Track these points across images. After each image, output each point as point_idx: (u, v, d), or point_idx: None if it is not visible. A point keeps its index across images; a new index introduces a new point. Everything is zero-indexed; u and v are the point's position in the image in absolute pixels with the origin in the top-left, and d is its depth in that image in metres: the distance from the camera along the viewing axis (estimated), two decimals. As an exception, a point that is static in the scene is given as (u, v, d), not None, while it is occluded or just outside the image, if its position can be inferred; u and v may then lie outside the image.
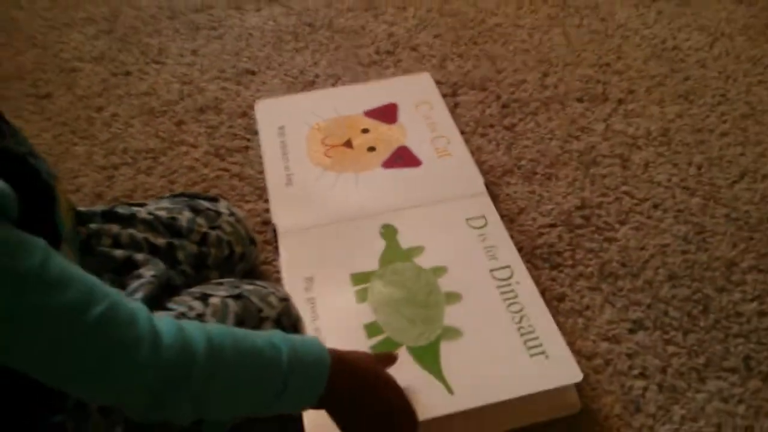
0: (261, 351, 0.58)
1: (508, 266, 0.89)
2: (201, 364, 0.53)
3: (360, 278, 0.90)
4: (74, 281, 0.50)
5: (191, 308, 0.70)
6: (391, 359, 0.75)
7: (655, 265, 0.95)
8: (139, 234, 0.79)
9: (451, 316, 0.85)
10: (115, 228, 0.78)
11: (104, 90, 1.24)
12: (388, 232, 0.95)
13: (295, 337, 0.62)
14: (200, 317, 0.69)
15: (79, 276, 0.51)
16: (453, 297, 0.86)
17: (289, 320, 0.75)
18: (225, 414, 0.57)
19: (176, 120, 1.17)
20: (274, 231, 0.96)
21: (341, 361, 0.62)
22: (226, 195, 1.04)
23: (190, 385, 0.53)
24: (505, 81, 1.23)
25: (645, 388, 0.83)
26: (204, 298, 0.71)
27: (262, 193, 1.05)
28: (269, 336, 0.60)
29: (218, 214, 0.86)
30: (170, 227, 0.82)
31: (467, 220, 0.95)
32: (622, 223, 1.00)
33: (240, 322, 0.70)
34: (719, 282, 0.93)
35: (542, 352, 0.80)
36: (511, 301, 0.86)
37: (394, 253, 0.92)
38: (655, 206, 1.03)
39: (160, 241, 0.80)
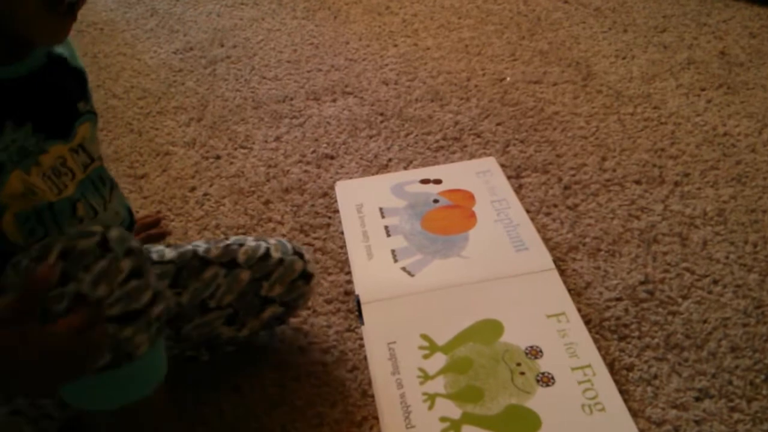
0: None
1: (588, 364, 0.94)
2: None
3: (439, 346, 0.97)
4: None
5: None
6: None
7: (718, 337, 1.01)
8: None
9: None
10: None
11: (196, 172, 1.36)
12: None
13: None
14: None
15: None
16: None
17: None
18: None
19: (264, 199, 1.28)
20: (358, 301, 1.05)
21: None
22: (311, 268, 1.13)
23: None
24: (566, 164, 1.32)
25: (714, 453, 0.88)
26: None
27: (343, 266, 1.13)
28: None
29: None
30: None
31: (547, 316, 1.01)
32: (685, 297, 1.06)
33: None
34: (781, 353, 0.98)
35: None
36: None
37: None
38: (715, 282, 1.09)
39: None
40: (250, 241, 0.92)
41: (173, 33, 1.84)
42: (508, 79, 1.57)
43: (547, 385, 0.91)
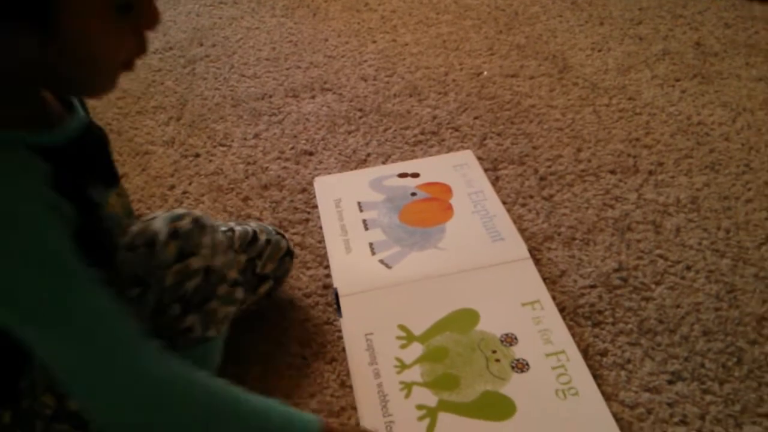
0: (245, 423, 0.65)
1: (562, 350, 0.95)
2: (167, 410, 0.61)
3: (416, 336, 0.98)
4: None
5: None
6: None
7: (691, 322, 1.02)
8: None
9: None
10: None
11: (175, 171, 1.37)
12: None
13: (294, 417, 0.68)
14: None
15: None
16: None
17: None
18: None
19: (242, 196, 1.29)
20: (336, 294, 1.06)
21: None
22: (290, 262, 1.14)
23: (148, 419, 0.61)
24: (542, 156, 1.33)
25: (686, 435, 0.89)
26: None
27: (322, 260, 1.14)
28: (267, 407, 0.67)
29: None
30: None
31: (522, 304, 1.02)
32: (658, 283, 1.08)
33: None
34: (751, 335, 1.00)
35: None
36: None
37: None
38: (688, 268, 1.10)
39: None
40: (236, 227, 0.96)
41: (152, 33, 1.84)
42: (486, 73, 1.58)
43: (522, 372, 0.92)
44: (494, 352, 0.95)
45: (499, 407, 0.89)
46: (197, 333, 0.75)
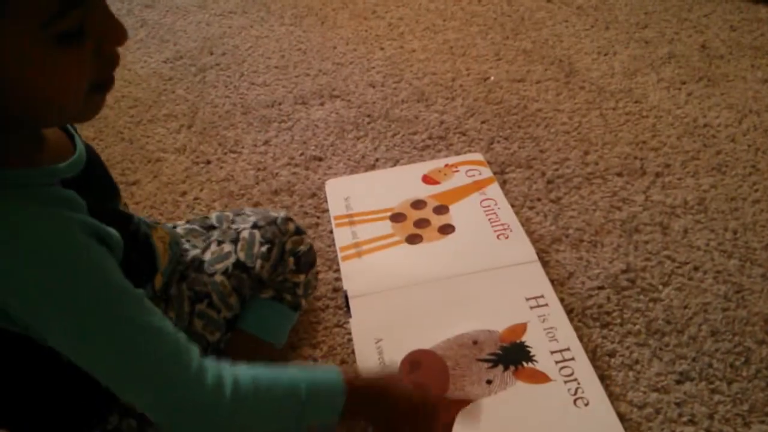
0: (282, 396, 0.66)
1: (567, 348, 0.97)
2: (225, 408, 0.62)
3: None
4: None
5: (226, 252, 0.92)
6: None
7: (698, 322, 1.03)
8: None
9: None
10: None
11: (187, 177, 1.38)
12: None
13: (315, 373, 0.71)
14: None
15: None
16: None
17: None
18: None
19: (253, 202, 1.30)
20: (346, 296, 1.07)
21: (355, 389, 0.69)
22: (301, 266, 1.16)
23: (210, 424, 0.63)
24: (549, 159, 1.34)
25: (695, 434, 0.90)
26: (234, 241, 0.93)
27: (332, 264, 1.16)
28: (291, 376, 0.68)
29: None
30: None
31: (527, 299, 1.04)
32: (666, 284, 1.09)
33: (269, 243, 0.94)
34: (759, 335, 1.00)
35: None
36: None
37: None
38: (696, 268, 1.11)
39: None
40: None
41: (163, 43, 1.87)
42: (492, 78, 1.60)
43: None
44: None
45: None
46: (300, 292, 0.98)
